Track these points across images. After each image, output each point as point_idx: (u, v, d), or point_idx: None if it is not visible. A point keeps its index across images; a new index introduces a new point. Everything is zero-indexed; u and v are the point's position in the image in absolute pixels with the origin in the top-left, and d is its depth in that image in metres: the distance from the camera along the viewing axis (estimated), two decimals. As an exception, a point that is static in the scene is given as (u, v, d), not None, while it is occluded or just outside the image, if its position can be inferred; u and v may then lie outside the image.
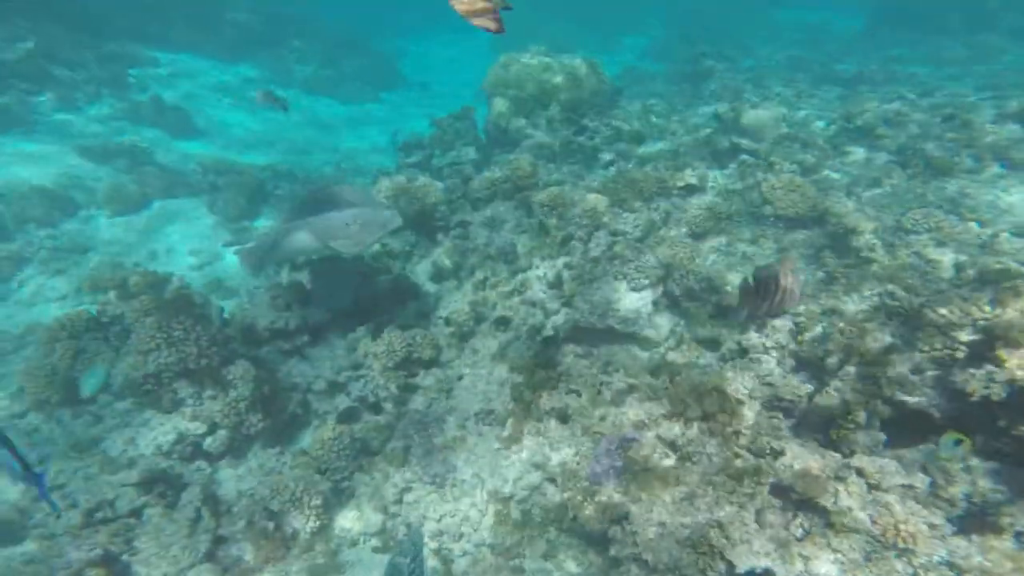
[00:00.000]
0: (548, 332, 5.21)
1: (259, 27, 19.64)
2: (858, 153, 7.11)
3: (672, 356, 4.83)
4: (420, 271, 7.17)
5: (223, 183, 10.02)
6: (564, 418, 4.36)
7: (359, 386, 5.49)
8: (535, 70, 9.13)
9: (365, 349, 5.47)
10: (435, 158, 9.70)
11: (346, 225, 4.92)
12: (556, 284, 5.78)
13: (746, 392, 4.23)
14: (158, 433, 5.00)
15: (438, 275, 7.01)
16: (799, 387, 4.18)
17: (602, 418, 4.24)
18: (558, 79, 8.92)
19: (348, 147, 15.24)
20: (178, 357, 5.03)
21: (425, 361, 5.57)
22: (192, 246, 8.87)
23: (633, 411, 4.17)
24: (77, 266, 7.96)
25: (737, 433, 3.99)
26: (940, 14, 17.39)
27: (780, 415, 4.15)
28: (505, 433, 4.36)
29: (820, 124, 8.33)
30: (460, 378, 5.46)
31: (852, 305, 4.59)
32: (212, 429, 5.09)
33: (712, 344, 4.88)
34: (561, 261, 5.86)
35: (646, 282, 5.10)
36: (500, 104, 9.27)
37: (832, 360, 4.13)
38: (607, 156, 7.94)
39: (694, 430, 4.03)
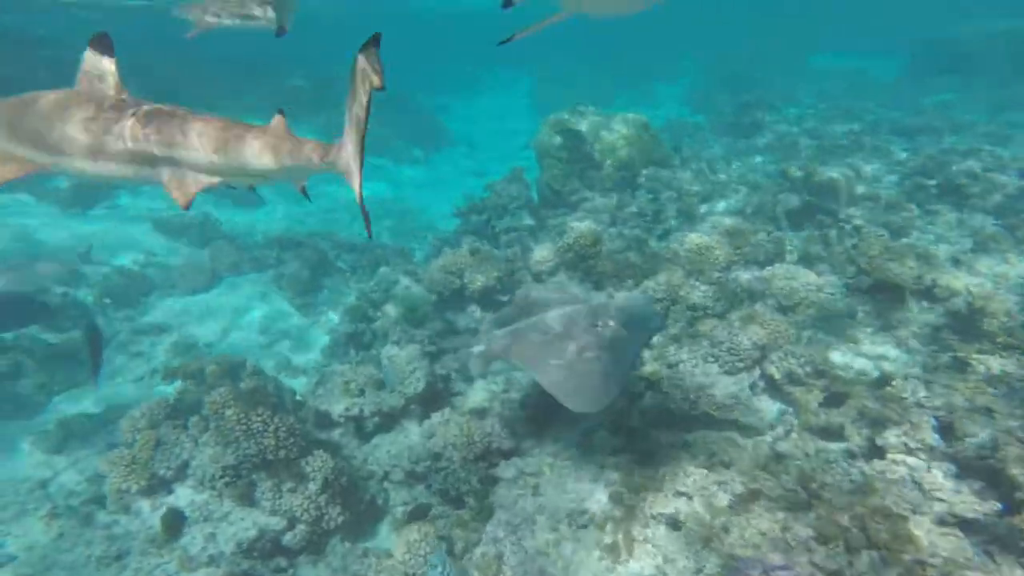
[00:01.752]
0: (634, 421, 4.91)
1: (313, 90, 20.80)
2: (947, 213, 6.69)
3: (783, 447, 4.44)
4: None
5: (288, 257, 10.32)
6: (676, 525, 3.98)
7: (439, 478, 5.28)
8: (587, 130, 9.18)
9: (444, 439, 5.29)
10: (492, 223, 9.75)
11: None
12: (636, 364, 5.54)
13: (908, 507, 3.72)
14: (238, 529, 4.90)
15: (506, 350, 6.85)
16: (983, 504, 3.60)
17: (725, 529, 3.84)
18: (611, 139, 8.92)
19: (403, 210, 15.61)
20: (257, 449, 4.98)
21: (504, 451, 5.34)
22: (260, 323, 9.07)
23: (763, 523, 3.76)
24: (154, 347, 8.21)
25: (923, 565, 3.40)
26: (983, 57, 16.89)
27: (964, 537, 3.56)
28: (607, 540, 4.03)
29: (891, 179, 7.97)
30: (544, 470, 5.19)
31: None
32: (291, 524, 4.96)
33: (828, 434, 4.47)
34: None
35: (741, 365, 4.79)
36: (552, 166, 9.30)
37: (1018, 472, 3.59)
38: (669, 217, 7.76)
39: (863, 561, 3.48)
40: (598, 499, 4.34)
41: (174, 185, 2.90)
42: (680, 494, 4.13)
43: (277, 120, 2.79)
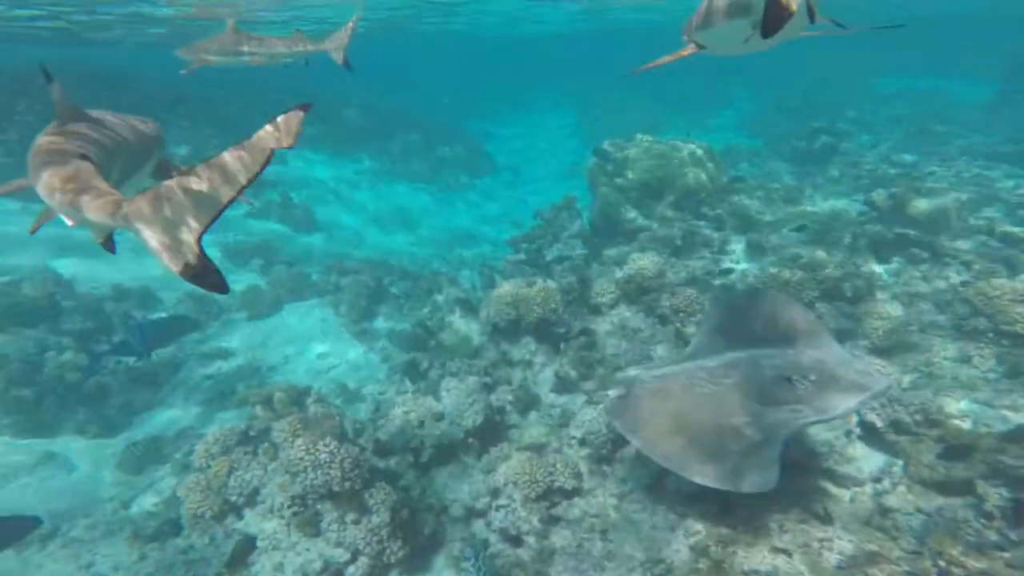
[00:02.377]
0: None
1: (367, 121, 21.67)
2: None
3: (890, 501, 4.13)
4: (542, 381, 7.04)
5: (345, 283, 10.67)
6: (774, 586, 3.79)
7: (500, 516, 5.26)
8: (645, 157, 9.13)
9: (504, 476, 5.28)
10: (543, 252, 9.81)
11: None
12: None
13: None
14: (304, 560, 5.02)
15: (562, 386, 6.83)
16: None
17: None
18: (672, 166, 8.83)
19: (452, 236, 15.92)
20: (324, 480, 5.11)
21: (567, 491, 5.29)
22: (320, 349, 9.38)
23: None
24: (221, 370, 8.61)
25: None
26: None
27: None
28: (690, 599, 3.88)
29: (992, 211, 7.48)
30: (609, 512, 5.09)
31: None
32: (354, 556, 5.04)
33: (949, 491, 4.09)
34: None
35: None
36: (607, 194, 9.30)
37: None
38: (736, 249, 7.59)
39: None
40: (677, 549, 4.19)
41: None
42: (778, 550, 3.87)
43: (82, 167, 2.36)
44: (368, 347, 9.64)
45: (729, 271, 7.22)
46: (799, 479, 4.42)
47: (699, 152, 8.91)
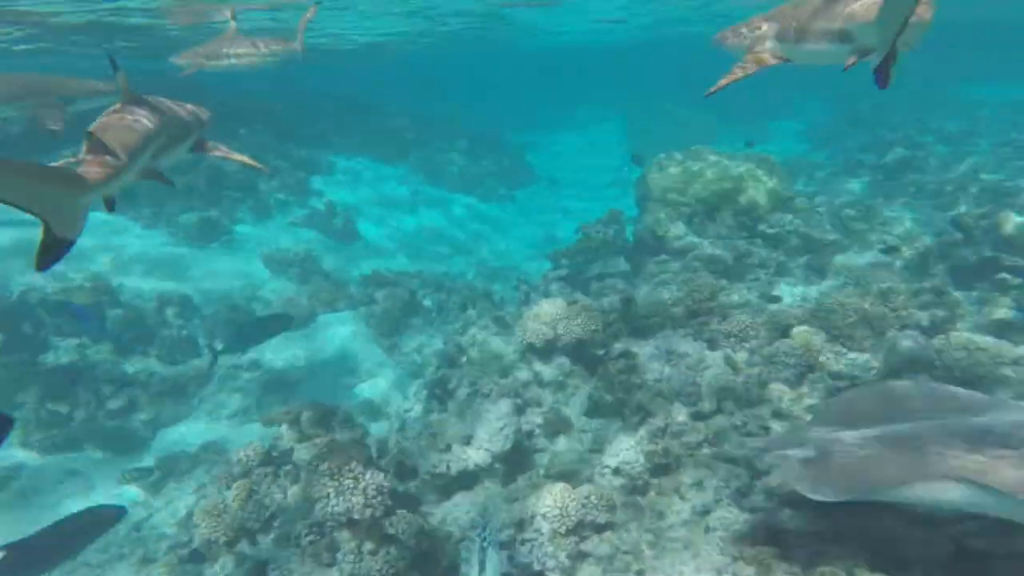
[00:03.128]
0: (758, 500, 4.21)
1: (412, 130, 21.81)
2: None
3: (975, 544, 3.52)
4: (574, 404, 6.59)
5: (380, 296, 10.52)
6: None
7: (524, 551, 4.85)
8: (700, 170, 8.59)
9: (533, 507, 4.86)
10: (583, 269, 9.38)
11: None
12: (754, 436, 4.84)
13: None
14: (318, 593, 4.72)
15: (595, 410, 6.36)
16: None
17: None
18: (729, 179, 8.26)
19: (488, 249, 15.68)
20: (345, 507, 4.81)
21: (598, 525, 4.83)
22: (349, 362, 9.22)
23: None
24: (250, 382, 8.53)
25: None
26: None
27: None
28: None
29: None
30: (644, 549, 4.60)
31: None
32: (370, 592, 4.71)
33: None
34: (767, 410, 4.92)
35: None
36: (657, 209, 8.78)
37: None
38: (796, 268, 6.97)
39: None
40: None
41: None
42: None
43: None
44: (397, 361, 9.42)
45: (777, 298, 6.61)
46: (862, 518, 3.80)
47: (760, 165, 8.30)
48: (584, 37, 26.85)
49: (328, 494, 4.81)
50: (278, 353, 9.29)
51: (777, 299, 6.63)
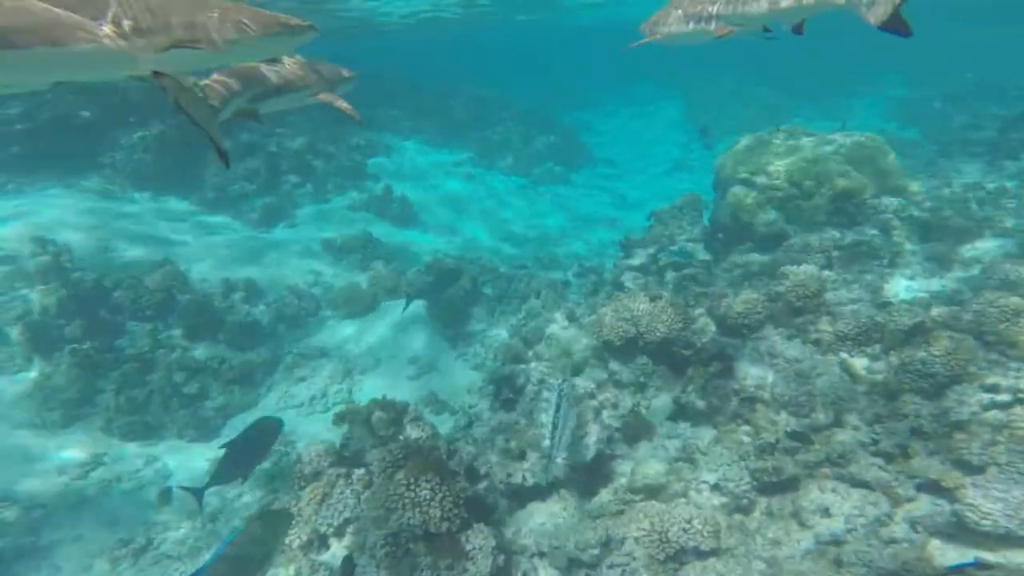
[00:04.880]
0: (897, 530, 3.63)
1: (468, 111, 21.35)
2: None
3: None
4: (657, 408, 6.07)
5: (440, 283, 10.21)
6: None
7: (614, 574, 4.45)
8: (793, 151, 7.74)
9: (624, 529, 4.43)
10: (658, 257, 8.73)
11: None
12: (890, 457, 4.20)
13: None
14: (394, 608, 4.48)
15: (681, 416, 5.83)
16: None
17: None
18: (826, 160, 7.40)
19: (544, 233, 15.13)
20: (421, 519, 4.53)
21: (701, 551, 4.35)
22: (411, 352, 8.99)
23: None
24: (315, 372, 8.43)
25: None
26: None
27: None
28: None
29: None
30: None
31: None
32: (449, 611, 4.43)
33: None
34: (902, 427, 4.27)
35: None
36: (742, 194, 8.00)
37: None
38: (912, 261, 6.14)
39: None
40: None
41: None
42: None
43: None
44: (460, 352, 9.13)
45: (910, 280, 5.80)
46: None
47: (863, 146, 7.38)
48: (638, 8, 25.48)
49: (404, 505, 4.55)
50: (343, 342, 9.18)
51: (892, 295, 5.85)
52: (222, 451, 4.71)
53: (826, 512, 4.13)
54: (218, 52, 2.28)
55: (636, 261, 8.70)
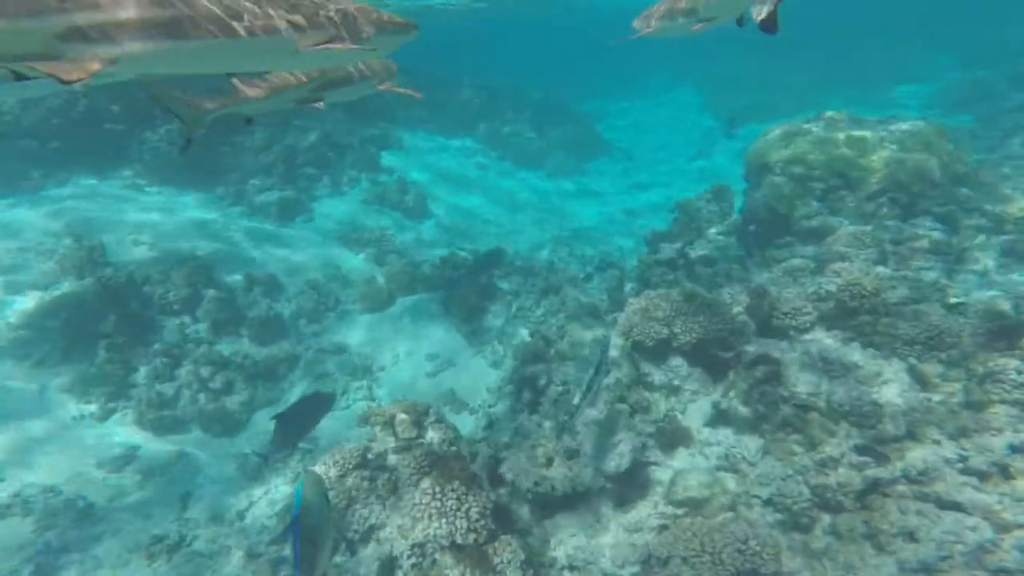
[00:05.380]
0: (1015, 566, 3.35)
1: (478, 101, 20.95)
2: None
3: None
4: (693, 413, 5.80)
5: (458, 277, 10.02)
6: None
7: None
8: (833, 139, 7.36)
9: (669, 547, 4.19)
10: (687, 252, 8.42)
11: None
12: (985, 476, 3.87)
13: None
14: (422, 621, 4.31)
15: (721, 423, 5.57)
16: None
17: None
18: (877, 150, 7.00)
19: (562, 227, 14.82)
20: (448, 530, 4.36)
21: (760, 574, 4.10)
22: (429, 349, 8.82)
23: None
24: (335, 368, 8.29)
25: None
26: None
27: None
28: None
29: None
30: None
31: None
32: (478, 626, 4.25)
33: None
34: (999, 442, 3.94)
35: None
36: (779, 184, 7.65)
37: None
38: (981, 256, 5.76)
39: None
40: None
41: None
42: None
43: None
44: (478, 350, 8.93)
45: (983, 277, 5.46)
46: None
47: (920, 133, 6.97)
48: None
49: (430, 515, 4.37)
50: (362, 338, 9.02)
51: (963, 295, 5.49)
52: (272, 422, 4.84)
53: (911, 536, 3.79)
54: (361, 50, 2.47)
55: (663, 256, 8.40)
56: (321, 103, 3.84)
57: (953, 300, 5.51)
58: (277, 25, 2.15)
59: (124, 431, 7.01)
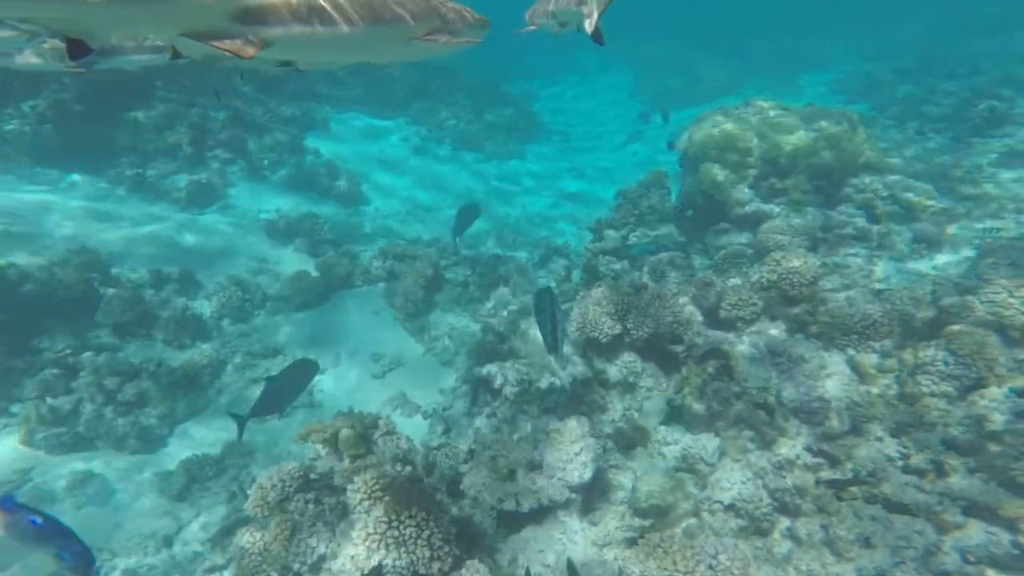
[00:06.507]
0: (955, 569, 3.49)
1: (410, 80, 19.94)
2: None
3: None
4: (648, 411, 5.79)
5: (400, 269, 9.51)
6: None
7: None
8: (764, 126, 7.50)
9: (642, 565, 4.08)
10: (628, 241, 8.39)
11: None
12: (923, 474, 4.04)
13: None
14: (382, 656, 4.01)
15: (677, 420, 5.58)
16: None
17: None
18: (804, 138, 7.19)
19: (504, 212, 14.53)
20: (408, 560, 4.05)
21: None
22: (373, 347, 8.32)
23: None
24: (269, 372, 7.61)
25: None
26: None
27: None
28: None
29: None
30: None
31: None
32: (443, 656, 4.01)
33: None
34: (935, 437, 4.10)
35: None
36: (715, 171, 7.71)
37: None
38: (899, 243, 6.05)
39: None
40: None
41: None
42: None
43: None
44: (427, 347, 8.54)
45: (903, 260, 5.71)
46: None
47: (839, 120, 7.22)
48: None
49: (387, 544, 4.04)
50: (297, 338, 8.36)
51: (884, 280, 5.75)
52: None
53: (866, 542, 3.88)
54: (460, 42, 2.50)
55: (608, 244, 8.33)
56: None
57: (878, 286, 5.76)
58: (404, 15, 2.22)
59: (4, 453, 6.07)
